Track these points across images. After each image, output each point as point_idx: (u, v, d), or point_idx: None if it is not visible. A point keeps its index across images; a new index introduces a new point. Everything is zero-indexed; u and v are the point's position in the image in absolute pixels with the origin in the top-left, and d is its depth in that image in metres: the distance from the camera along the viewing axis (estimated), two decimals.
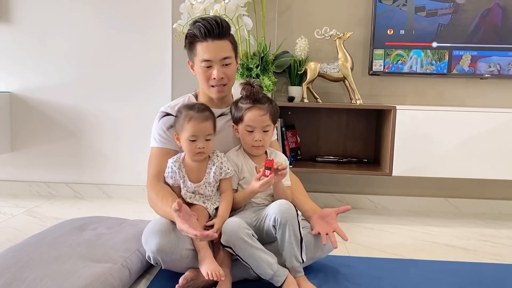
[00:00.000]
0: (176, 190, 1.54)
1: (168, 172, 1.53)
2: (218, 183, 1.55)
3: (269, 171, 1.43)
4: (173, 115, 1.59)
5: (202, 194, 1.53)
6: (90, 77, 2.74)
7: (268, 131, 1.57)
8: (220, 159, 1.54)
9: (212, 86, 1.59)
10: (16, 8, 2.72)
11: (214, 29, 1.54)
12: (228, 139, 1.66)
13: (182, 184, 1.52)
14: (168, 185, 1.55)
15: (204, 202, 1.52)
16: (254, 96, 1.55)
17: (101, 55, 2.72)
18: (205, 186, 1.53)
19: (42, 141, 2.80)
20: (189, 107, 1.52)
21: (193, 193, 1.53)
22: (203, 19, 1.58)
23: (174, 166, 1.52)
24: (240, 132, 1.59)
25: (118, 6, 2.68)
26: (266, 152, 1.63)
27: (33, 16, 2.72)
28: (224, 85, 1.60)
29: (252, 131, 1.55)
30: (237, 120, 1.59)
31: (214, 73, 1.56)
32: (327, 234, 1.50)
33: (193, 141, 1.48)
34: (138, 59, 2.71)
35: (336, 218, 1.57)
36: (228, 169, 1.54)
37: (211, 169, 1.53)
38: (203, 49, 1.56)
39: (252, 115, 1.54)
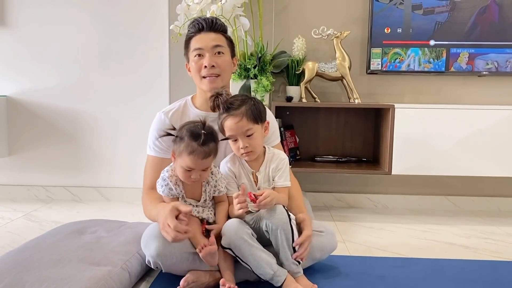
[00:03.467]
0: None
1: (163, 186, 1.46)
2: (212, 198, 1.54)
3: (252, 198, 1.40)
4: (170, 128, 1.51)
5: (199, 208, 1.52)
6: (87, 80, 2.73)
7: (251, 134, 1.47)
8: (215, 177, 1.50)
9: (204, 77, 1.56)
10: (12, 11, 2.71)
11: (208, 23, 1.57)
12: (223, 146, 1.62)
13: (180, 199, 1.49)
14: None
15: (199, 213, 1.51)
16: (221, 107, 1.47)
17: (98, 58, 2.72)
18: (202, 204, 1.52)
19: (40, 145, 2.79)
20: (194, 135, 1.39)
21: (202, 211, 1.51)
22: (198, 17, 1.61)
23: (171, 182, 1.45)
24: (229, 142, 1.53)
25: (114, 8, 2.68)
26: (264, 154, 1.57)
27: (30, 19, 2.71)
28: (217, 76, 1.56)
29: (236, 140, 1.48)
30: (221, 132, 1.50)
31: (205, 60, 1.54)
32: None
33: (188, 171, 1.41)
34: (135, 61, 2.70)
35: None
36: (222, 187, 1.51)
37: (206, 187, 1.50)
38: (196, 40, 1.58)
39: (228, 125, 1.46)
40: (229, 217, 1.52)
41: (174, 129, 1.48)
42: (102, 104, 2.74)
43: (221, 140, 1.50)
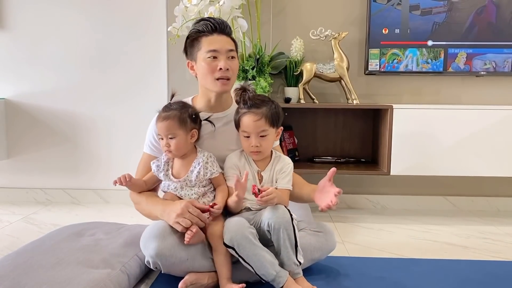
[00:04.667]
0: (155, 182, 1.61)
1: (155, 162, 1.57)
2: (207, 182, 1.54)
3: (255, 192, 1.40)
4: None
5: (190, 188, 1.53)
6: (85, 82, 2.73)
7: (265, 136, 1.53)
8: (205, 159, 1.52)
9: (217, 79, 1.56)
10: (10, 14, 2.71)
11: (220, 25, 1.59)
12: (227, 142, 1.63)
13: (164, 177, 1.55)
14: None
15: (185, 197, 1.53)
16: (245, 102, 1.53)
17: (96, 60, 2.71)
18: (186, 183, 1.52)
19: (38, 147, 2.78)
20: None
21: (181, 188, 1.53)
22: (208, 18, 1.62)
23: (163, 159, 1.56)
24: (240, 137, 1.58)
25: (112, 10, 2.67)
26: (271, 155, 1.61)
27: (27, 21, 2.71)
28: (228, 79, 1.57)
29: (249, 137, 1.53)
30: (236, 125, 1.58)
31: (221, 63, 1.54)
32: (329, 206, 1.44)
33: (161, 139, 1.53)
34: (133, 63, 2.70)
35: (331, 182, 1.49)
36: (214, 169, 1.52)
37: (195, 167, 1.52)
38: (209, 41, 1.57)
39: (246, 121, 1.52)
40: (230, 214, 1.53)
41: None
42: (100, 106, 2.74)
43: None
